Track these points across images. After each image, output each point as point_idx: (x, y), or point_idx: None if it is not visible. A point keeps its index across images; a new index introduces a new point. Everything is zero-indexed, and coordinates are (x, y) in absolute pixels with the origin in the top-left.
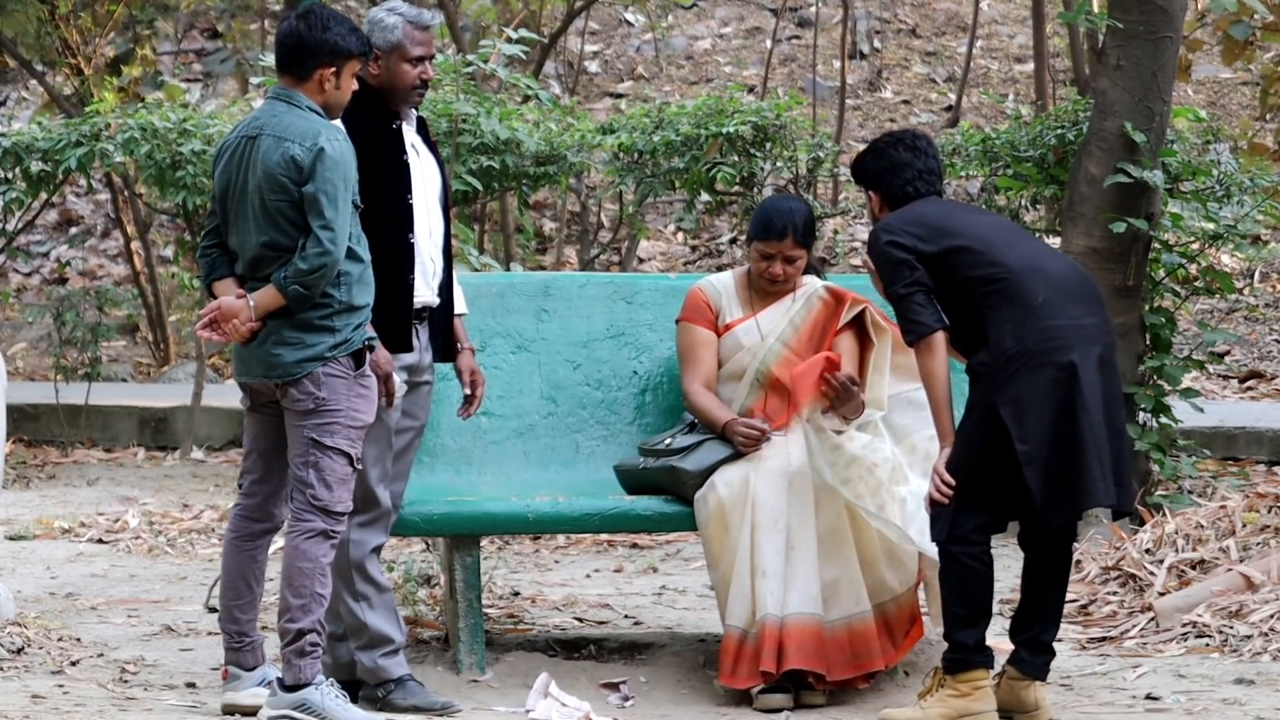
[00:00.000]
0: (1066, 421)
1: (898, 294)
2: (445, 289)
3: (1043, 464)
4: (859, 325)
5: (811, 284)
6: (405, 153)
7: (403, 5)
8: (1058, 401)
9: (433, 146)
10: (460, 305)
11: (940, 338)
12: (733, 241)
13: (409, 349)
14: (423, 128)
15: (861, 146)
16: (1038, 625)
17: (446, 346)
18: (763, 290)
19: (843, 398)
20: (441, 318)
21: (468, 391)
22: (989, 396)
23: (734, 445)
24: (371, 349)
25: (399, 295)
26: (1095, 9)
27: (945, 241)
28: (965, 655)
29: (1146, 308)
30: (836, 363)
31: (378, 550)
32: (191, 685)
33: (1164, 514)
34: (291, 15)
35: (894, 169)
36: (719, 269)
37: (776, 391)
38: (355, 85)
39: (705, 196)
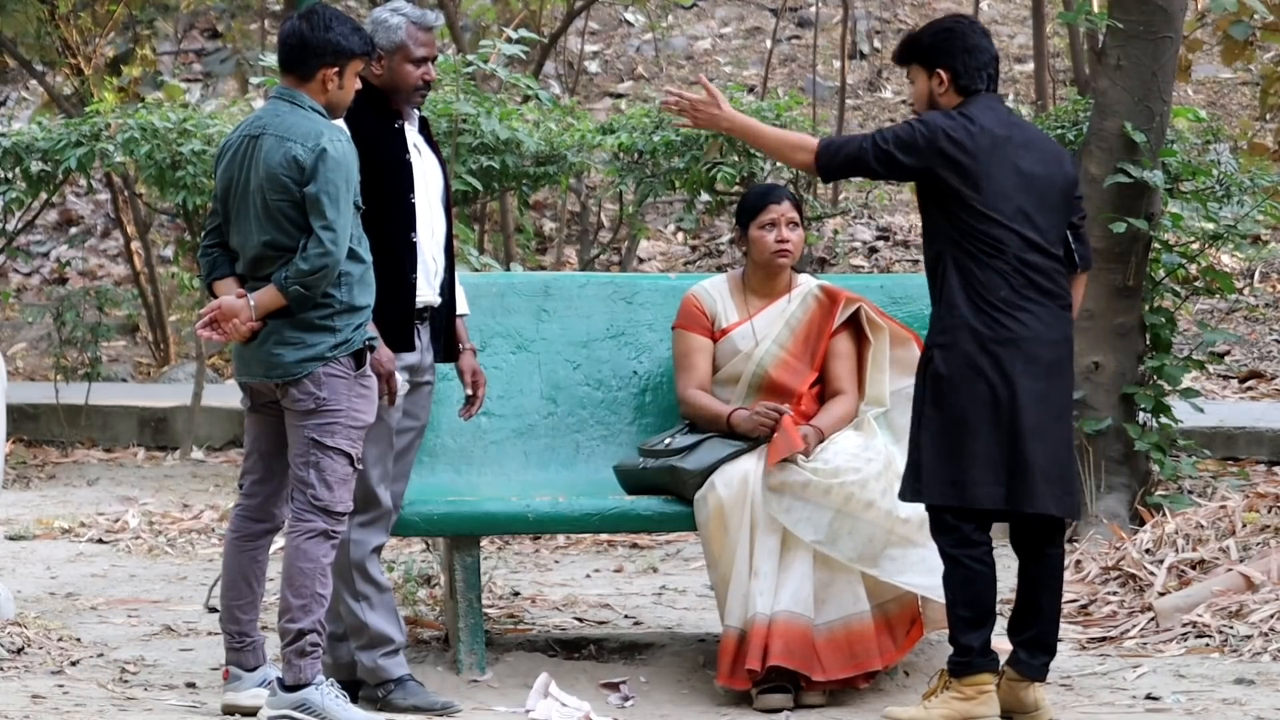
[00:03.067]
0: (1000, 435)
1: (881, 149)
2: (447, 288)
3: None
4: (855, 323)
5: (806, 283)
6: (408, 152)
7: (406, 6)
8: (992, 419)
9: (434, 146)
10: (462, 306)
11: (824, 151)
12: (732, 241)
13: (411, 348)
14: (424, 127)
15: None
16: (1035, 626)
17: (448, 347)
18: (760, 289)
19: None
20: (443, 317)
21: (469, 392)
22: (937, 388)
23: (742, 435)
24: (372, 349)
25: (401, 295)
26: (1095, 9)
27: (984, 181)
28: (970, 658)
29: (1146, 308)
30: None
31: (378, 550)
32: (191, 685)
33: (1164, 514)
34: (294, 15)
35: (974, 50)
36: (719, 269)
37: (773, 394)
38: (358, 85)
39: (705, 196)
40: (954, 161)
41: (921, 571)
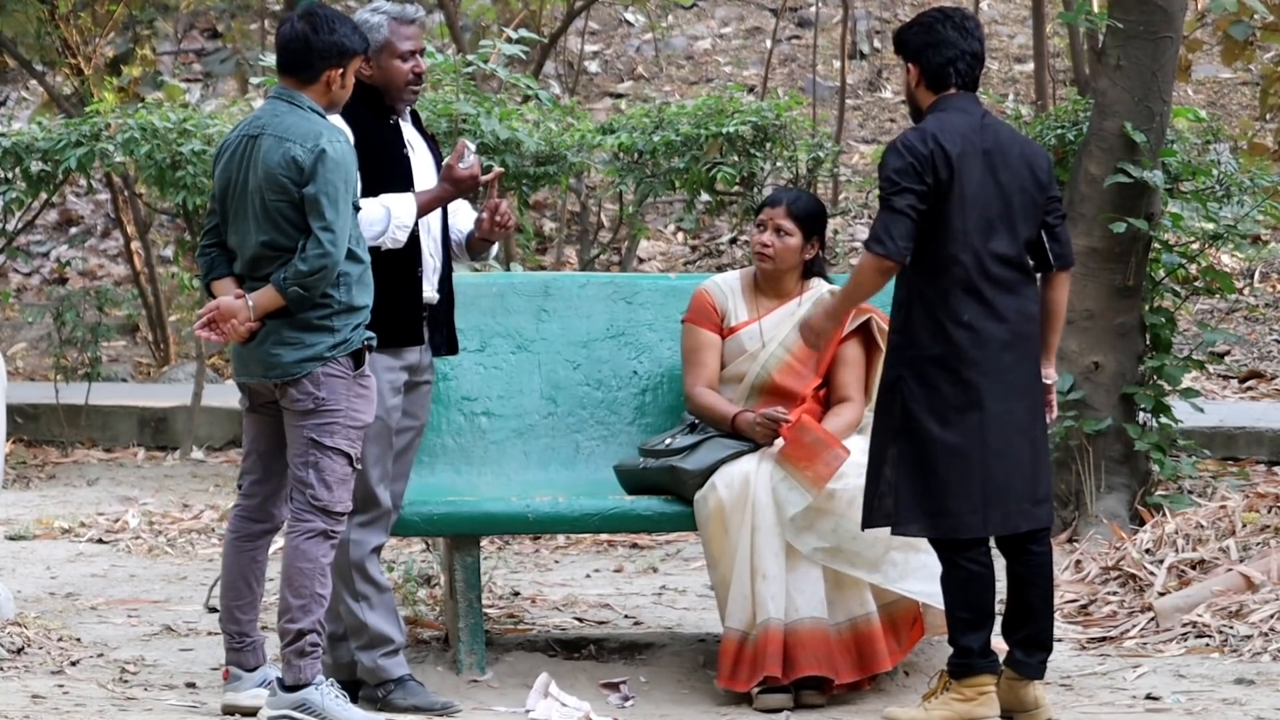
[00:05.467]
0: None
1: (895, 207)
2: (444, 284)
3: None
4: (864, 330)
5: (818, 288)
6: (405, 148)
7: (386, 3)
8: (963, 449)
9: (429, 139)
10: (467, 222)
11: (893, 270)
12: (733, 241)
13: (420, 341)
14: (416, 121)
15: (862, 147)
16: (1029, 625)
17: (449, 340)
18: (769, 290)
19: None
20: (442, 313)
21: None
22: (907, 419)
23: (746, 438)
24: (371, 349)
25: (407, 290)
26: (1095, 9)
27: (945, 200)
28: (971, 660)
29: (1146, 308)
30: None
31: (378, 550)
32: (191, 685)
33: (1164, 514)
34: (292, 18)
35: (938, 45)
36: (719, 269)
37: (776, 397)
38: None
39: (705, 196)
40: (948, 185)
41: (923, 578)
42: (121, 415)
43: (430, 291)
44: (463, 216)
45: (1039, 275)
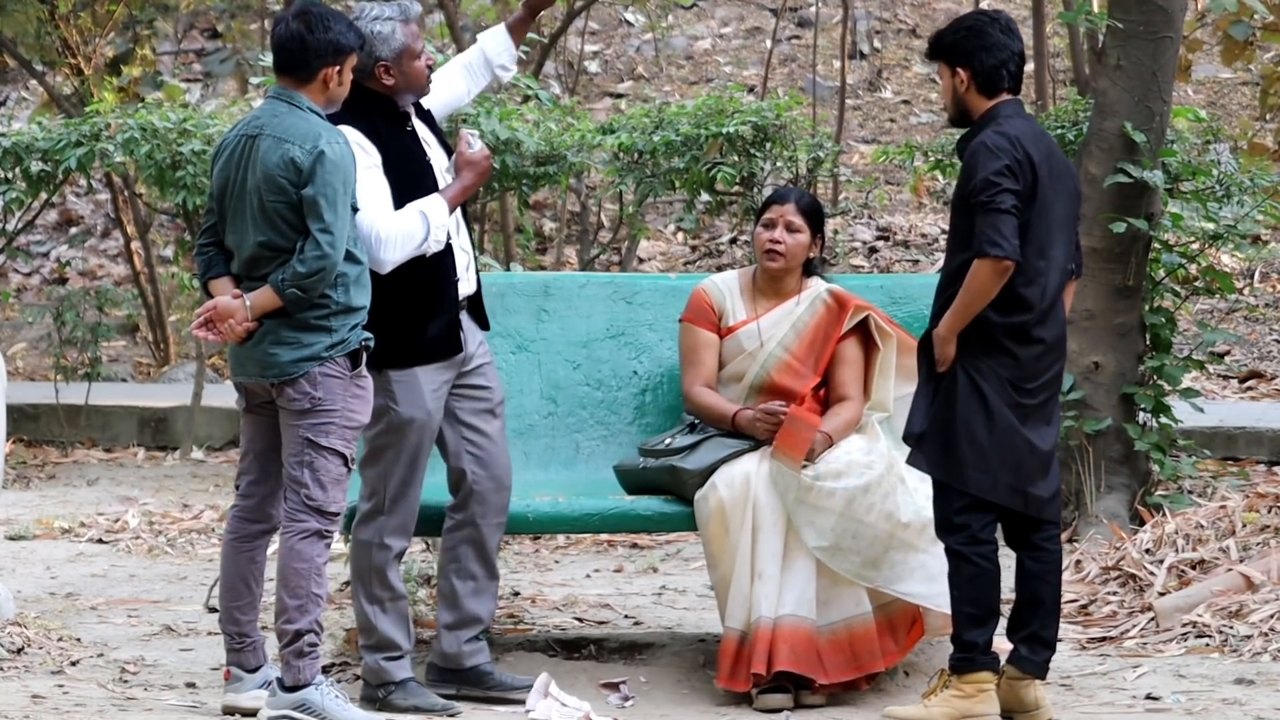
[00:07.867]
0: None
1: (1001, 207)
2: (475, 270)
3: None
4: (862, 329)
5: (816, 287)
6: (425, 152)
7: (385, 8)
8: (1008, 444)
9: (433, 127)
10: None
11: (1011, 270)
12: (733, 241)
13: (460, 350)
14: (420, 112)
15: (862, 147)
16: (1035, 622)
17: (480, 316)
18: (767, 289)
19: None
20: (475, 297)
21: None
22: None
23: (747, 436)
24: (369, 349)
25: (447, 300)
26: (1095, 9)
27: (1029, 206)
28: (973, 655)
29: (1146, 308)
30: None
31: (399, 556)
32: (191, 685)
33: (1164, 514)
34: (287, 17)
35: (991, 48)
36: (719, 269)
37: (776, 396)
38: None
39: (705, 196)
40: (1030, 185)
41: (921, 579)
42: (121, 415)
43: (469, 285)
44: (490, 43)
45: None
